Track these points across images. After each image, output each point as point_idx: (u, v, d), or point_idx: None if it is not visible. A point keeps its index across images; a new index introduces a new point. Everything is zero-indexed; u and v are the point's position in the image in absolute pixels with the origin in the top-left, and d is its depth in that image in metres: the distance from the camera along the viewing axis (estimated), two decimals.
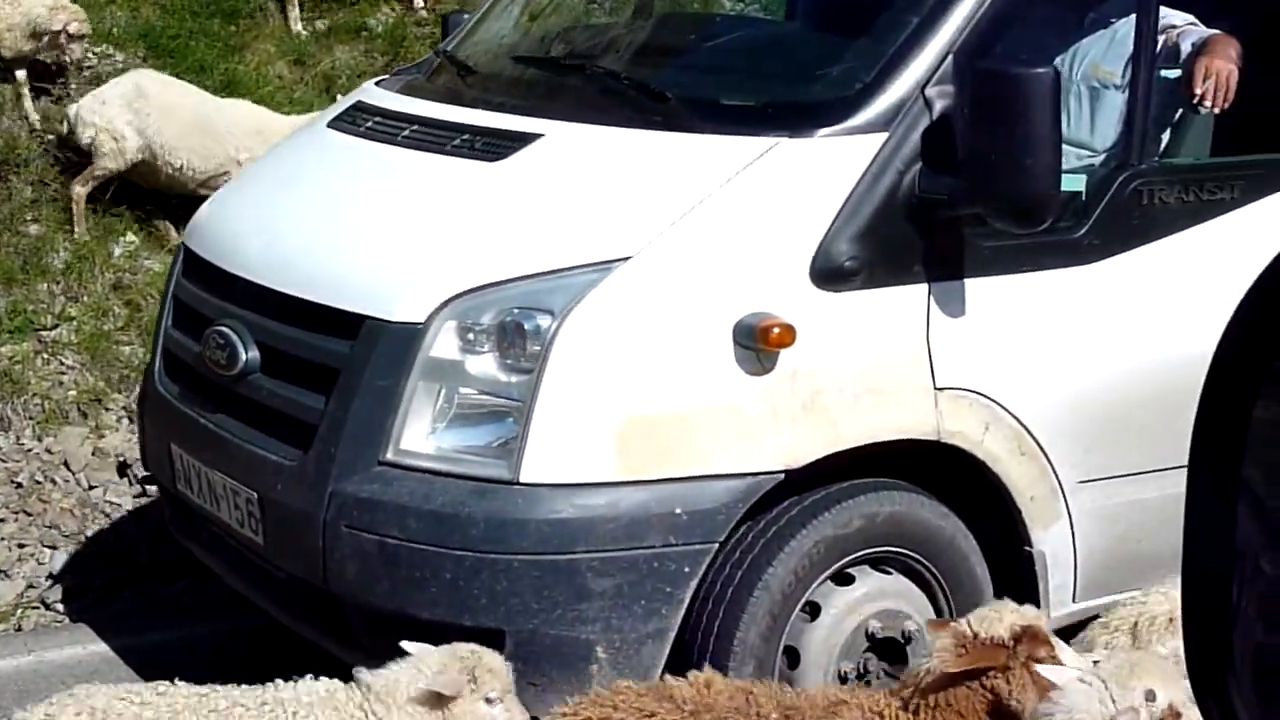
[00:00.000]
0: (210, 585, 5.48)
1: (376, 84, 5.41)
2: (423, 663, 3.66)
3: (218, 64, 8.64)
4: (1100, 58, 4.92)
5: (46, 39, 8.02)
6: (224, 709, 3.54)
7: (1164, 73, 4.69)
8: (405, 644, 3.76)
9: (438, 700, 3.61)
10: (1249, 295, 1.25)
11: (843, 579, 4.34)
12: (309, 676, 3.70)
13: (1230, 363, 1.26)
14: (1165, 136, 4.85)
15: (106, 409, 7.06)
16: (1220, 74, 4.57)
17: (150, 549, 6.26)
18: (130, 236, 7.85)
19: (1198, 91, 4.58)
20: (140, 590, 6.10)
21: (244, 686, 3.62)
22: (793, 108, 4.36)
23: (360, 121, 4.97)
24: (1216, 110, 4.62)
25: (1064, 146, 4.86)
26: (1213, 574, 1.25)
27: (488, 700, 3.66)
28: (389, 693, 3.60)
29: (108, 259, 7.70)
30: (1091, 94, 4.92)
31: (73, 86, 8.40)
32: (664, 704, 3.61)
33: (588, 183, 4.32)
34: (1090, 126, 4.91)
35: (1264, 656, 1.22)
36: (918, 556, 4.39)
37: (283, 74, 8.94)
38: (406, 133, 4.73)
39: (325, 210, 4.68)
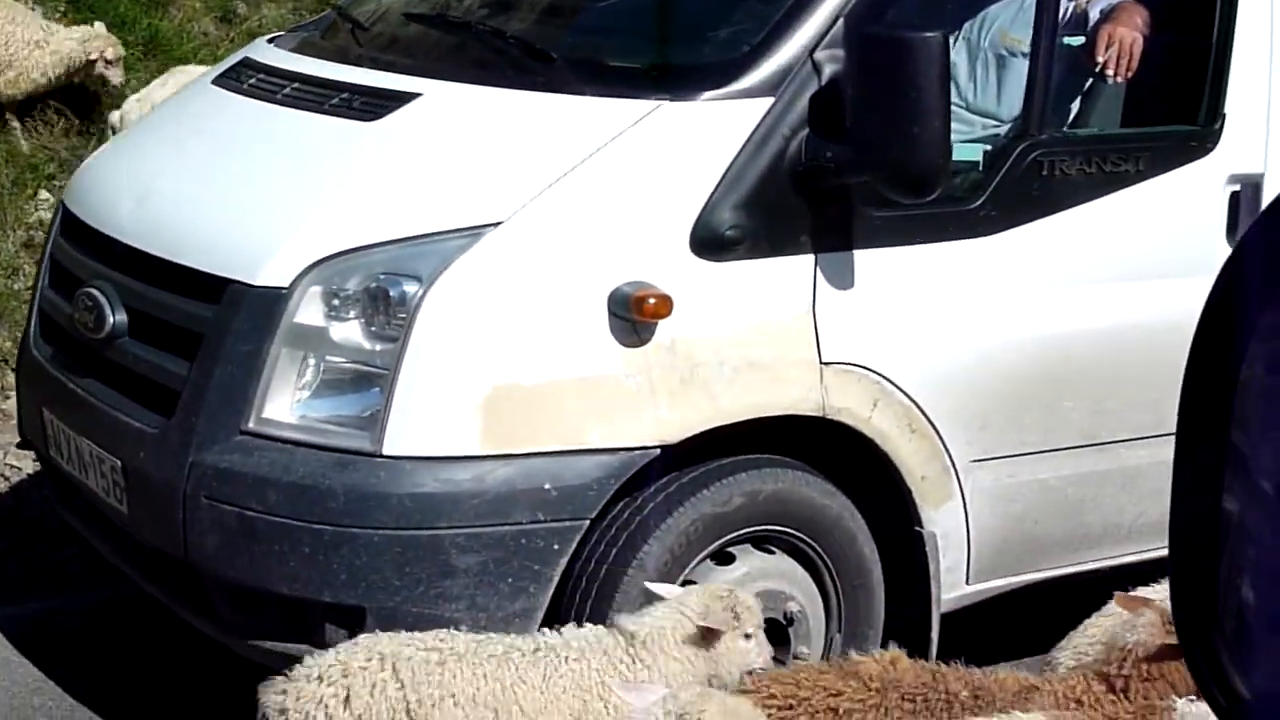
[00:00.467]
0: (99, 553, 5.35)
1: (269, 41, 5.24)
2: (684, 605, 3.68)
3: (140, 19, 8.44)
4: (1009, 24, 4.79)
5: (82, 71, 7.87)
6: (501, 654, 3.55)
7: (1068, 40, 4.55)
8: (652, 585, 3.83)
9: (704, 639, 3.64)
10: (1236, 252, 1.26)
11: (723, 558, 4.21)
12: (571, 625, 3.75)
13: (1217, 322, 1.26)
14: (1075, 106, 4.72)
15: (12, 370, 6.89)
16: (1124, 41, 4.44)
17: (53, 514, 6.11)
18: (44, 194, 7.67)
19: (1099, 59, 4.45)
20: (34, 556, 5.95)
21: (514, 635, 3.68)
22: (677, 70, 4.20)
23: (244, 78, 4.81)
24: (1119, 79, 4.49)
25: (970, 115, 4.78)
26: (1200, 532, 1.27)
27: (746, 636, 3.70)
28: (655, 640, 3.62)
29: (20, 217, 7.52)
30: (999, 62, 4.79)
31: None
32: (849, 682, 3.58)
33: (463, 145, 4.16)
34: (997, 95, 4.78)
35: (1248, 613, 1.25)
36: (802, 536, 4.26)
37: (208, 31, 8.75)
38: (287, 90, 4.58)
39: (198, 169, 4.53)
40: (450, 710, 3.46)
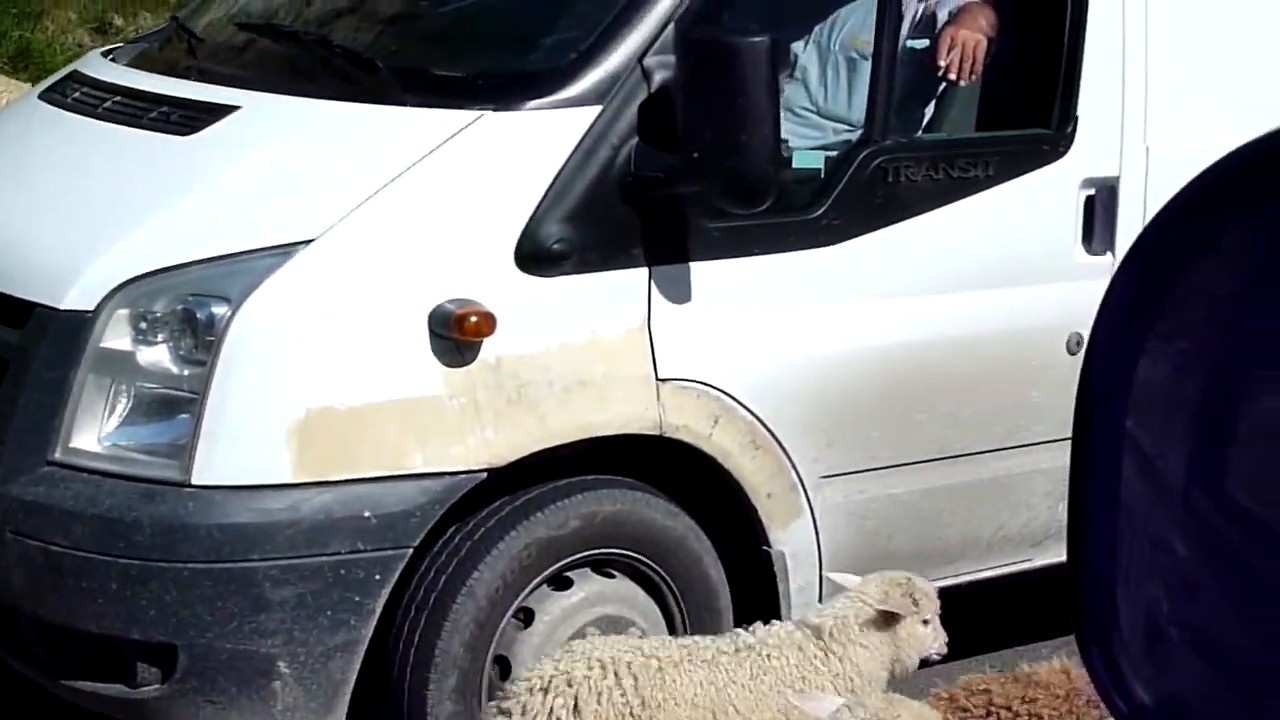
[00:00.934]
0: None
1: (104, 53, 5.06)
2: (863, 595, 3.78)
3: (11, 31, 8.22)
4: (859, 27, 4.66)
5: None
6: (710, 658, 3.66)
7: (912, 43, 4.43)
8: (832, 575, 4.00)
9: (885, 624, 3.75)
10: (1129, 256, 1.24)
11: (561, 583, 4.07)
12: (760, 623, 3.85)
13: (1113, 322, 1.24)
14: (928, 111, 4.60)
15: None
16: (966, 44, 4.32)
17: None
18: None
19: (942, 63, 4.33)
20: None
21: (715, 636, 3.82)
22: (503, 78, 4.06)
23: (69, 92, 4.64)
24: (962, 82, 4.37)
25: (821, 121, 4.66)
26: (1098, 532, 1.24)
27: (925, 622, 3.79)
28: (841, 630, 3.73)
29: None
30: (849, 65, 4.66)
31: None
32: (1038, 690, 3.63)
33: (278, 159, 4.01)
34: (848, 100, 4.65)
35: (1159, 620, 1.23)
36: (643, 558, 4.12)
37: (83, 42, 8.55)
38: (108, 104, 4.41)
39: (12, 188, 4.36)
40: (673, 710, 3.57)
